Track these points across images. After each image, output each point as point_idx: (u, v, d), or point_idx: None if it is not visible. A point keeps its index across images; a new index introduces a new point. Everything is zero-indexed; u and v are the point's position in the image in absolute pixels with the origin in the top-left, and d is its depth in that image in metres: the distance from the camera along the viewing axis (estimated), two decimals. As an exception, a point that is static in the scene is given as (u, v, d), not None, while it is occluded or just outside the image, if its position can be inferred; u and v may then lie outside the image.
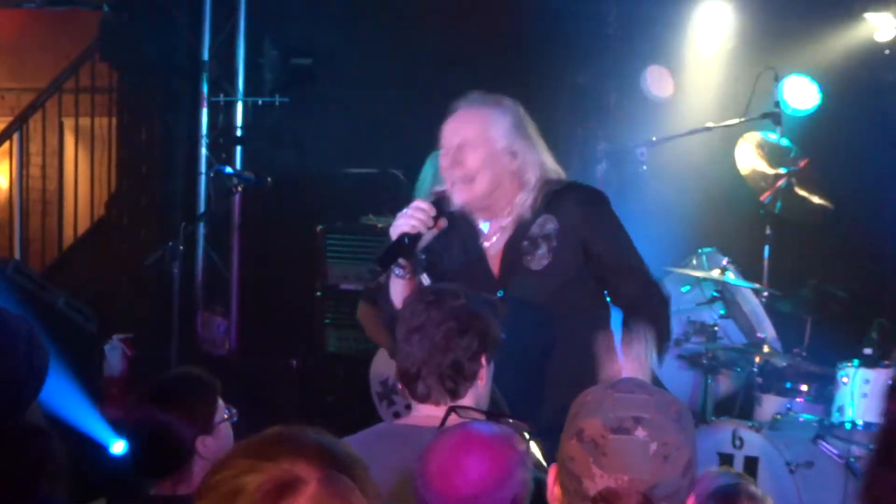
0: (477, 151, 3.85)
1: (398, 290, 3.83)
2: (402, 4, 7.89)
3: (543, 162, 3.94)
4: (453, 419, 3.00)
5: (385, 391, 6.02)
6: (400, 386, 6.08)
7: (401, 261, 3.77)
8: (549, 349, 3.88)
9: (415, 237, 3.74)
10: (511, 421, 2.94)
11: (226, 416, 3.28)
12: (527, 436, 2.80)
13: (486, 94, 3.95)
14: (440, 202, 3.83)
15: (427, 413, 3.15)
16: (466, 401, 3.10)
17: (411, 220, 3.75)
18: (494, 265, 3.96)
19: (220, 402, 3.30)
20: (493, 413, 3.05)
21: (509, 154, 3.86)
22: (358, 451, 3.06)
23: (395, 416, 5.91)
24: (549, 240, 3.89)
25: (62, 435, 3.20)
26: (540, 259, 3.89)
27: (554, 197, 3.89)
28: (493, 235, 3.98)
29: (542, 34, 7.06)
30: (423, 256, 3.83)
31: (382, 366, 6.11)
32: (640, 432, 2.05)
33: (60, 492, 2.91)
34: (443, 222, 3.82)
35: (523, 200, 3.90)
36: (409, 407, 6.01)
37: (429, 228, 3.77)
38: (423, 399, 3.14)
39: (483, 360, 3.13)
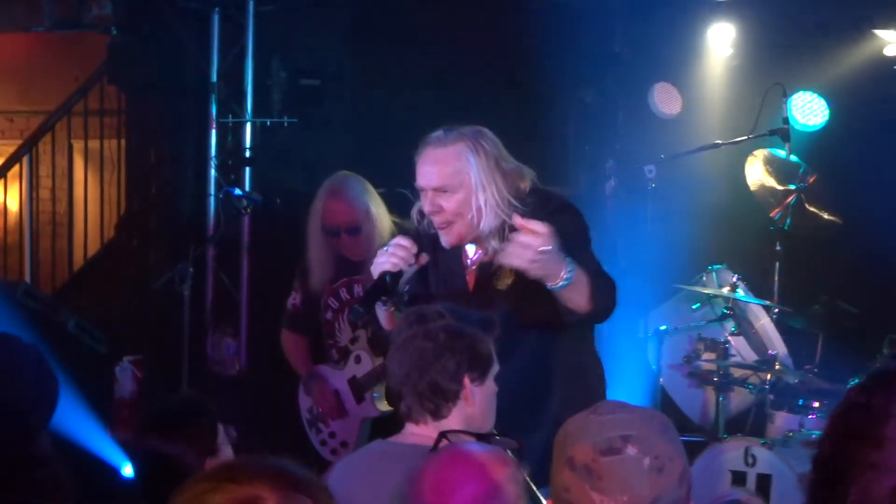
0: (454, 196, 3.83)
1: (383, 318, 3.92)
2: (408, 25, 7.90)
3: (517, 183, 3.91)
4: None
5: (312, 419, 5.93)
6: (321, 409, 5.88)
7: (383, 297, 3.81)
8: (523, 367, 3.86)
9: (396, 275, 3.78)
10: (499, 439, 2.96)
11: (227, 437, 3.30)
12: (516, 453, 2.82)
13: (453, 130, 3.91)
14: (421, 237, 3.86)
15: (412, 431, 3.19)
16: (452, 420, 3.11)
17: (392, 257, 3.78)
18: (471, 284, 3.99)
19: (219, 424, 3.31)
20: (481, 434, 3.05)
21: (485, 190, 3.83)
22: (352, 470, 3.11)
23: (321, 443, 5.85)
24: None
25: (73, 458, 3.20)
26: (504, 279, 3.90)
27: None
28: (475, 256, 4.01)
29: (549, 53, 7.06)
30: (406, 288, 3.86)
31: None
32: (631, 449, 2.04)
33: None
34: (424, 258, 3.85)
35: (500, 224, 3.86)
36: (332, 435, 5.86)
37: (410, 265, 3.80)
38: (406, 418, 3.19)
39: (466, 381, 3.13)
